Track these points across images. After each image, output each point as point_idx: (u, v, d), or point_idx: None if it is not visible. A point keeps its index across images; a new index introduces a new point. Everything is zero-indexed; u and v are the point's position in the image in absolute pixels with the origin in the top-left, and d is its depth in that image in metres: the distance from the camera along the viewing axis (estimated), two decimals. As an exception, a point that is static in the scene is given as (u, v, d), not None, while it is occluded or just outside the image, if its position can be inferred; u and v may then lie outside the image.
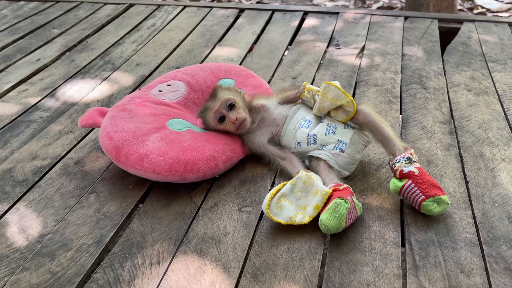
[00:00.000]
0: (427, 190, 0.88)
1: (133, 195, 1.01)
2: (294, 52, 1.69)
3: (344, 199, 0.86)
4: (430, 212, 0.88)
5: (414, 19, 1.95)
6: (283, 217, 0.88)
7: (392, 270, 0.80)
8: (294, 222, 0.88)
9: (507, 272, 0.79)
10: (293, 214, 0.89)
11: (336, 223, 0.84)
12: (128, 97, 1.18)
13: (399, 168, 0.92)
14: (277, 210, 0.89)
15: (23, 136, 1.25)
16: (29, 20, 2.13)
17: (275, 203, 0.89)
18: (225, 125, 1.07)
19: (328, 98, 1.00)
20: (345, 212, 0.84)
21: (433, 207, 0.88)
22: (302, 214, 0.89)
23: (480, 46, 1.68)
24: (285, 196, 0.91)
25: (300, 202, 0.91)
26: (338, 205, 0.85)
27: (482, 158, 1.08)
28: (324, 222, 0.84)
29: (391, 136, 0.98)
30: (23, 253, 0.87)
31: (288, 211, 0.89)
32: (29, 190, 1.04)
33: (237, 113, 1.05)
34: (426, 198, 0.88)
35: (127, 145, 1.00)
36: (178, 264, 0.83)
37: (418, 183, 0.89)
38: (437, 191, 0.88)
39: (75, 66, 1.66)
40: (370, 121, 1.00)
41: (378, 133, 0.99)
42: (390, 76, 1.48)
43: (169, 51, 1.74)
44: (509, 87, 1.39)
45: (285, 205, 0.90)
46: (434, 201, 0.88)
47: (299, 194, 0.92)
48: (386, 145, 0.98)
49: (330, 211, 0.84)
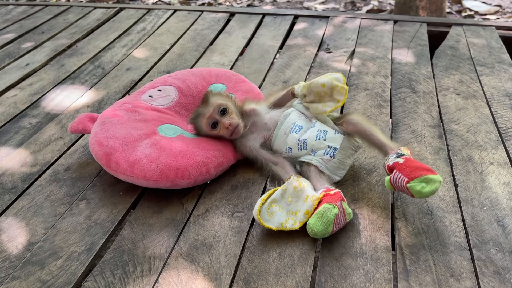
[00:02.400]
0: (410, 173, 0.85)
1: (124, 202, 1.00)
2: (285, 56, 1.70)
3: (333, 205, 0.86)
4: (420, 193, 0.83)
5: (404, 22, 1.97)
6: (274, 223, 0.88)
7: (383, 274, 0.80)
8: (285, 228, 0.88)
9: (496, 275, 0.80)
10: (284, 220, 0.89)
11: (323, 228, 0.84)
12: (119, 103, 1.17)
13: (387, 163, 0.92)
14: (268, 216, 0.89)
15: (12, 142, 1.24)
16: (18, 25, 2.11)
17: (266, 209, 0.90)
18: (219, 130, 1.07)
19: (328, 77, 1.02)
20: (333, 217, 0.85)
21: (420, 187, 0.83)
22: (293, 219, 0.89)
23: (468, 49, 1.70)
24: (276, 201, 0.91)
25: (290, 207, 0.91)
26: (326, 210, 0.85)
27: (471, 162, 1.09)
28: (311, 226, 0.85)
29: (382, 139, 0.98)
30: (13, 261, 0.86)
31: (279, 216, 0.89)
32: (18, 198, 1.03)
33: (230, 118, 1.05)
34: (410, 180, 0.84)
35: (117, 151, 0.99)
36: (170, 271, 0.83)
37: (401, 169, 0.87)
38: (424, 171, 0.84)
39: (65, 71, 1.65)
40: (360, 129, 1.00)
41: (370, 140, 0.99)
42: (380, 80, 1.49)
43: (159, 56, 1.74)
44: (497, 91, 1.41)
45: (276, 210, 0.90)
46: (421, 181, 0.83)
47: (289, 200, 0.92)
48: (379, 148, 0.99)
49: (318, 216, 0.85)
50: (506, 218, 0.92)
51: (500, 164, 1.07)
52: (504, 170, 1.05)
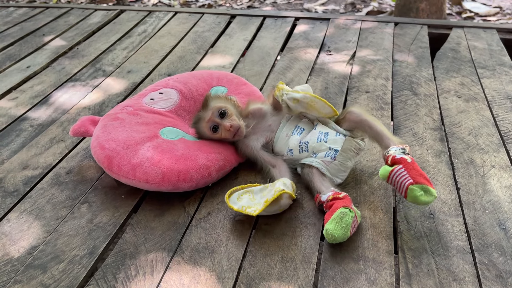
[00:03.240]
0: (416, 176, 0.85)
1: (125, 205, 1.00)
2: (286, 58, 1.70)
3: (349, 208, 0.87)
4: (416, 199, 0.85)
5: (404, 25, 1.97)
6: (237, 205, 0.92)
7: (386, 278, 0.80)
8: (244, 211, 0.91)
9: (498, 279, 0.80)
10: (246, 205, 0.92)
11: (343, 232, 0.84)
12: (120, 106, 1.17)
13: (392, 154, 0.91)
14: (237, 200, 0.93)
15: (13, 145, 1.24)
16: (19, 27, 2.12)
17: (238, 194, 0.94)
18: (220, 133, 1.07)
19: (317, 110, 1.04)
20: (351, 221, 0.85)
21: (419, 194, 0.84)
22: (255, 207, 0.91)
23: (469, 52, 1.70)
24: (252, 193, 0.95)
25: (260, 200, 0.93)
26: (344, 214, 0.85)
27: (472, 165, 1.09)
28: (330, 232, 0.84)
29: (384, 132, 0.98)
30: (15, 265, 0.86)
31: (245, 202, 0.93)
32: (20, 201, 1.03)
33: (231, 120, 1.05)
34: (414, 182, 0.85)
35: (119, 154, 0.99)
36: (172, 275, 0.83)
37: (408, 168, 0.87)
38: (426, 181, 0.85)
39: (66, 73, 1.65)
40: (362, 119, 1.00)
41: (371, 131, 0.99)
42: (381, 83, 1.49)
43: (160, 58, 1.74)
44: (498, 93, 1.41)
45: (246, 198, 0.94)
46: (421, 189, 0.84)
47: (264, 194, 0.95)
48: (381, 140, 0.98)
49: (337, 221, 0.85)
50: (508, 221, 0.92)
51: (502, 167, 1.07)
52: (506, 173, 1.05)
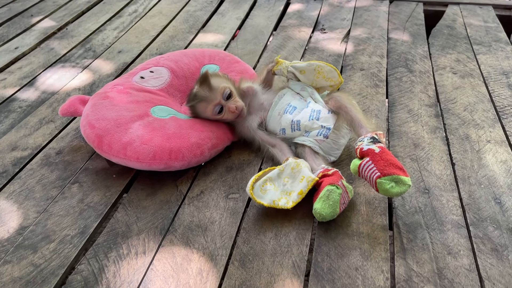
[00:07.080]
0: (384, 168, 0.81)
1: (117, 185, 0.98)
2: (279, 37, 1.67)
3: (336, 185, 0.85)
4: (387, 192, 0.80)
5: (399, 2, 1.94)
6: (266, 200, 0.87)
7: (380, 253, 0.80)
8: (277, 206, 0.87)
9: (494, 252, 0.79)
10: (276, 198, 0.88)
11: (331, 210, 0.83)
12: (110, 85, 1.15)
13: (360, 146, 0.87)
14: (261, 192, 0.88)
15: (2, 126, 1.21)
16: (7, 8, 2.07)
17: (259, 185, 0.88)
18: (223, 115, 1.04)
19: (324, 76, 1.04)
20: (338, 198, 0.84)
21: (389, 186, 0.80)
22: (286, 199, 0.88)
23: (465, 28, 1.68)
24: (271, 180, 0.90)
25: (286, 188, 0.90)
26: (330, 192, 0.84)
27: (468, 140, 1.08)
28: (318, 211, 0.83)
29: (359, 118, 0.96)
30: (4, 246, 0.85)
31: (272, 194, 0.88)
32: (9, 182, 1.01)
33: (235, 101, 1.03)
34: (382, 175, 0.80)
35: (109, 133, 0.97)
36: (164, 253, 0.82)
37: (376, 160, 0.82)
38: (397, 170, 0.80)
39: (55, 54, 1.62)
40: (341, 105, 0.99)
41: (347, 116, 0.98)
42: (376, 60, 1.47)
43: (151, 38, 1.70)
44: (493, 69, 1.39)
45: (270, 189, 0.89)
46: (391, 180, 0.80)
47: (286, 180, 0.91)
48: (355, 128, 0.96)
49: (324, 199, 0.83)
50: (503, 195, 0.91)
51: (497, 142, 1.06)
52: (501, 148, 1.04)
